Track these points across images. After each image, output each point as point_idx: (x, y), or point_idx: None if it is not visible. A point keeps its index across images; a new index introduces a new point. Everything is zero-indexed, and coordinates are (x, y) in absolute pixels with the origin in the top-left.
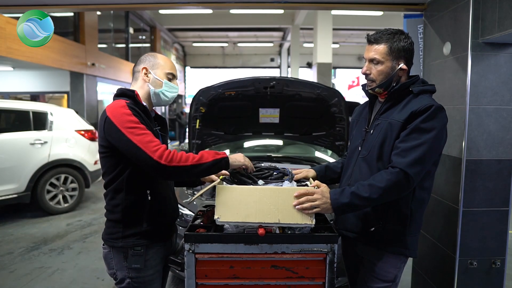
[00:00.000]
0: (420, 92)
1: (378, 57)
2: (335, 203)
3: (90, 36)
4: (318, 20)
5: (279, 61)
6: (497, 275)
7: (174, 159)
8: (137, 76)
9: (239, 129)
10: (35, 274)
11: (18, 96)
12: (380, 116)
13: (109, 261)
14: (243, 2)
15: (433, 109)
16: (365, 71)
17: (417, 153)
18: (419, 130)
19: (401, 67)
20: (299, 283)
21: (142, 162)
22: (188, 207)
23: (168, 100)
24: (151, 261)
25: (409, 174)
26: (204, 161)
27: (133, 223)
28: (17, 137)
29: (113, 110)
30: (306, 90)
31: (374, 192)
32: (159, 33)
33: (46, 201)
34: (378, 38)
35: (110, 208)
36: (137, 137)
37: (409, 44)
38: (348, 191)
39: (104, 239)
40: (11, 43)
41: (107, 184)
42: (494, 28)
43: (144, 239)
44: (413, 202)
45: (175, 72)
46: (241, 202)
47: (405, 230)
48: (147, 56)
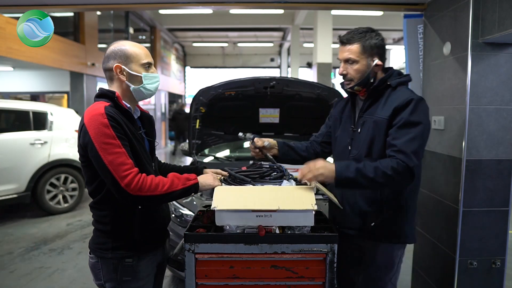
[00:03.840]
0: (397, 84)
1: (352, 56)
2: (339, 175)
3: (90, 36)
4: (318, 20)
5: (279, 61)
6: (497, 275)
7: (143, 188)
8: (111, 76)
9: (239, 129)
10: (35, 274)
11: (18, 96)
12: (364, 113)
13: (96, 272)
14: (243, 2)
15: (414, 102)
16: (342, 71)
17: (413, 147)
18: (407, 125)
19: (376, 63)
20: (299, 283)
21: (109, 184)
22: (188, 207)
23: (151, 92)
24: (142, 272)
25: (412, 169)
26: (173, 189)
27: (124, 233)
28: (17, 137)
29: (90, 118)
30: (306, 90)
31: (380, 176)
32: (159, 33)
33: (46, 201)
34: (350, 38)
35: (98, 218)
36: (109, 156)
37: (381, 41)
38: (354, 166)
39: (91, 248)
40: (11, 43)
41: (92, 193)
42: (494, 28)
43: (136, 250)
44: (407, 191)
45: (151, 58)
46: (240, 196)
47: (402, 219)
48: (114, 49)
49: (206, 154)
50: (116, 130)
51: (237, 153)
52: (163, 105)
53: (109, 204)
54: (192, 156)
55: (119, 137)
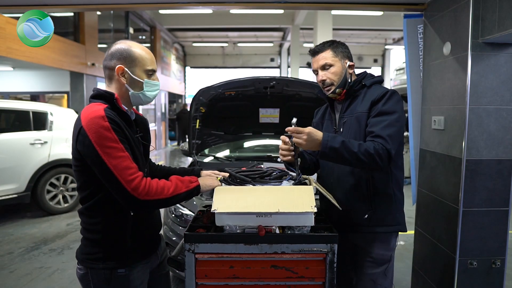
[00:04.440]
0: (372, 83)
1: (328, 61)
2: (325, 143)
3: (90, 36)
4: (318, 20)
5: (279, 61)
6: (497, 275)
7: (150, 192)
8: (110, 75)
9: (239, 129)
10: (35, 274)
11: (18, 96)
12: (344, 114)
13: (86, 283)
14: (243, 2)
15: (389, 94)
16: (321, 78)
17: (388, 131)
18: (383, 113)
19: (349, 64)
20: (299, 283)
21: (114, 190)
22: (188, 207)
23: (150, 99)
24: (136, 280)
25: (389, 151)
26: (178, 192)
27: (115, 242)
28: (17, 137)
29: (89, 121)
30: (306, 90)
31: (362, 152)
32: (159, 33)
33: (46, 201)
34: (321, 47)
35: (87, 226)
36: (113, 160)
37: (346, 47)
38: (340, 139)
39: (79, 259)
40: (11, 43)
41: (83, 199)
42: (494, 28)
43: (128, 259)
44: (393, 181)
45: (155, 66)
46: (240, 198)
47: (392, 208)
48: (120, 48)
49: (206, 154)
50: (118, 134)
51: (237, 153)
52: (163, 105)
53: (101, 211)
54: (192, 156)
55: (121, 141)
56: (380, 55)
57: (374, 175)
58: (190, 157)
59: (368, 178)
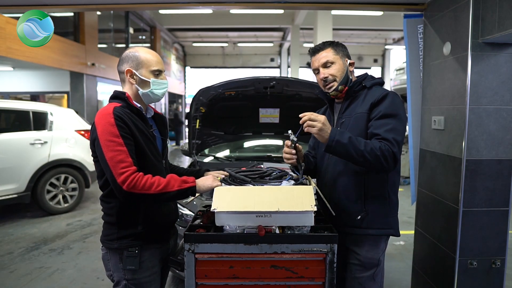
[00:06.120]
0: (372, 85)
1: (330, 58)
2: (332, 137)
3: (90, 36)
4: (318, 20)
5: (279, 61)
6: (497, 275)
7: (137, 186)
8: (123, 78)
9: (239, 129)
10: (35, 274)
11: (18, 96)
12: (342, 115)
13: (106, 263)
14: (243, 2)
15: (390, 97)
16: (323, 76)
17: (393, 135)
18: (385, 116)
19: (350, 62)
20: (299, 283)
21: (108, 179)
22: (188, 207)
23: (159, 97)
24: (147, 262)
25: (395, 154)
26: (169, 189)
27: (128, 225)
28: (17, 137)
29: (100, 117)
30: (306, 90)
31: (368, 151)
32: (159, 33)
33: (46, 201)
34: (321, 46)
35: (106, 210)
36: (110, 152)
37: (345, 47)
38: (347, 135)
39: (101, 240)
40: (11, 43)
41: (102, 187)
42: (494, 28)
43: (139, 240)
44: (389, 184)
45: (162, 66)
46: (240, 197)
47: (386, 211)
48: (129, 54)
49: (206, 154)
50: (121, 129)
51: (237, 153)
52: (163, 105)
53: (116, 197)
54: (192, 156)
55: (123, 136)
56: (380, 55)
57: (369, 177)
58: (190, 157)
59: (363, 179)
